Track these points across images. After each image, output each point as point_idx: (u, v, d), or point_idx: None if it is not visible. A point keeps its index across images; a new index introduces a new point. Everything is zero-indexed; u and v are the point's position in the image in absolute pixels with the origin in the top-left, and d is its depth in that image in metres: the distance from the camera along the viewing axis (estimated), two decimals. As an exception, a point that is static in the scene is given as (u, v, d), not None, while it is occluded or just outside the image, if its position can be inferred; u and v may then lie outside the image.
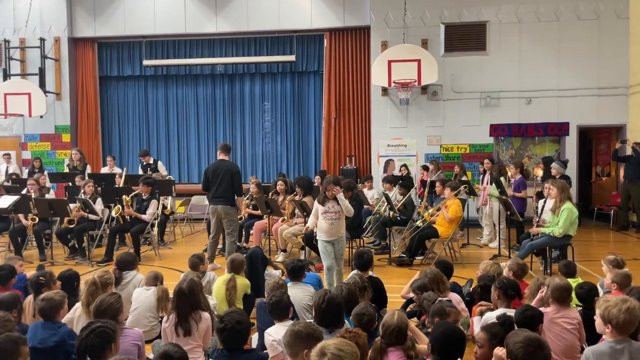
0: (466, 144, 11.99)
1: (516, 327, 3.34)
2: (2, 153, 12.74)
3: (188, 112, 13.76)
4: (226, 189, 7.43)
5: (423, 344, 3.64)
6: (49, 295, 3.95)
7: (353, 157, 12.63)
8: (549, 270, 6.97)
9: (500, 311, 3.96)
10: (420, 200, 9.83)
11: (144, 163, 11.24)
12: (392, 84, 11.02)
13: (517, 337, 2.77)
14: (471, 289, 5.41)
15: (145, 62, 13.20)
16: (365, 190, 10.18)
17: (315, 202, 6.01)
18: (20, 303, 4.40)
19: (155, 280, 4.93)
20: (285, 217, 8.38)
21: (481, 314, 4.23)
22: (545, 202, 7.25)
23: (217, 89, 13.67)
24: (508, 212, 7.82)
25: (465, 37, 11.91)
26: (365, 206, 9.10)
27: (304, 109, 13.46)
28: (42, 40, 12.98)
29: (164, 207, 9.62)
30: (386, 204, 8.60)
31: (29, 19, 12.79)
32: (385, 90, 11.99)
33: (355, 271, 5.20)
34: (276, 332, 3.62)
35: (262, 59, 13.06)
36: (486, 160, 9.70)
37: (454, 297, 4.67)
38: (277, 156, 13.59)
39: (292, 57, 12.81)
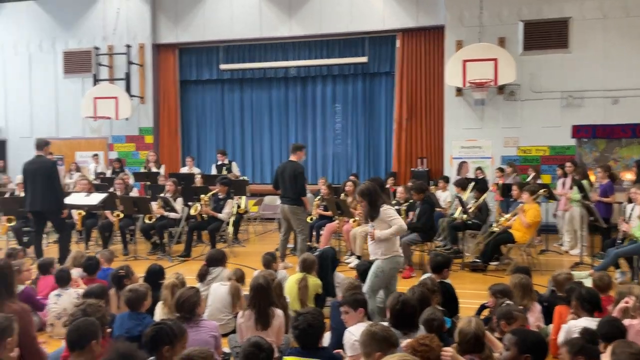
0: (546, 145, 11.46)
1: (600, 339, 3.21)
2: (91, 153, 13.66)
3: (262, 114, 14.09)
4: (290, 189, 7.66)
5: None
6: (135, 286, 4.23)
7: (425, 159, 12.42)
8: (636, 280, 6.55)
9: (583, 321, 3.80)
10: (497, 204, 9.52)
11: (219, 162, 11.64)
12: (467, 84, 10.75)
13: (630, 349, 2.69)
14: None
15: (222, 66, 13.67)
16: (438, 192, 9.99)
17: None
18: (107, 294, 4.72)
19: (232, 276, 5.14)
20: (357, 219, 8.39)
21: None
22: (633, 207, 6.82)
23: (290, 91, 13.89)
24: (591, 218, 7.41)
25: (546, 35, 11.37)
26: (437, 209, 8.92)
27: (375, 111, 13.40)
28: (128, 47, 13.77)
29: (238, 206, 9.92)
30: (460, 207, 8.40)
31: (117, 28, 13.59)
32: (459, 91, 11.69)
33: (428, 274, 5.09)
34: (358, 331, 3.59)
35: (333, 61, 13.13)
36: (568, 163, 9.25)
37: (537, 307, 4.51)
38: (347, 157, 13.63)
39: (364, 59, 12.80)
